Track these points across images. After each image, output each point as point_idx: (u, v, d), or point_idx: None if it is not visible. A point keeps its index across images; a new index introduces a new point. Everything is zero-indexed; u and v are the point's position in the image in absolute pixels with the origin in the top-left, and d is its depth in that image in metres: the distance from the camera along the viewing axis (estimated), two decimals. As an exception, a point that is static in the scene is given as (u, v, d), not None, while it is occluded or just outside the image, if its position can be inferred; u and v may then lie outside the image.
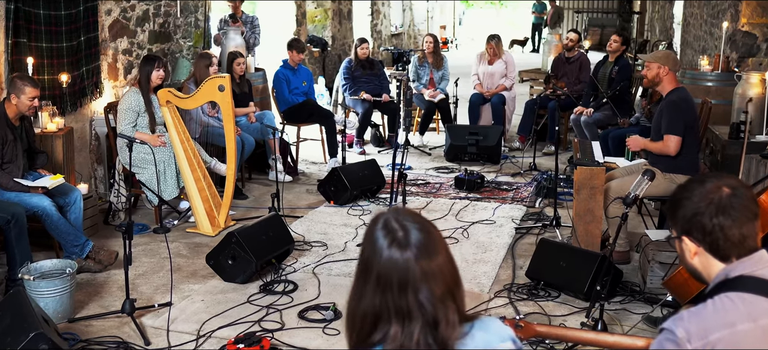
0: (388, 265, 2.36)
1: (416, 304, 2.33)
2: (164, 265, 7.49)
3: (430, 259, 2.37)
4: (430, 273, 2.35)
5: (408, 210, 2.51)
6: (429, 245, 2.39)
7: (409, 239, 2.37)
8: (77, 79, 9.02)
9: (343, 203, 9.63)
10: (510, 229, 8.69)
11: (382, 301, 2.36)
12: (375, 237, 2.42)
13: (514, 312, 6.41)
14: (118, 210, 8.90)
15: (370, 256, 2.41)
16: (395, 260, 2.35)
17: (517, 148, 13.11)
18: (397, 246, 2.36)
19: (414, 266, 2.34)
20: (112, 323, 6.22)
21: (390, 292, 2.35)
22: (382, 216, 2.47)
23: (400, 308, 2.34)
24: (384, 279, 2.36)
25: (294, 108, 11.98)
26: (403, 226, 2.41)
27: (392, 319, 2.35)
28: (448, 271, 2.41)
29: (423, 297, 2.34)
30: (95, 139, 9.58)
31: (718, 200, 2.80)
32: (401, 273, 2.34)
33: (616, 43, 12.01)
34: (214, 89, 8.47)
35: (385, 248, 2.37)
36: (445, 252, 2.43)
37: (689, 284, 5.26)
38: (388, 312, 2.36)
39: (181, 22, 11.58)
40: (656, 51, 7.85)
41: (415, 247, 2.36)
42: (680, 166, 7.33)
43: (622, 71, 11.79)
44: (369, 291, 2.39)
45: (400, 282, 2.34)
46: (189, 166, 8.61)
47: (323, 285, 7.05)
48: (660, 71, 7.44)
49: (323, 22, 19.09)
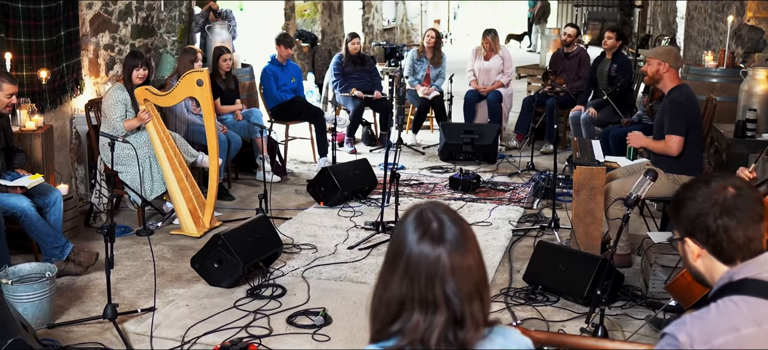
0: (418, 256, 2.41)
1: (443, 297, 2.38)
2: (147, 269, 7.48)
3: (462, 255, 2.41)
4: (460, 269, 2.40)
5: (446, 206, 2.56)
6: (462, 241, 2.43)
7: (444, 232, 2.43)
8: (57, 76, 9.01)
9: (333, 204, 9.63)
10: (507, 231, 8.70)
11: (408, 290, 2.40)
12: (407, 228, 2.47)
13: (511, 317, 6.42)
14: (100, 212, 8.89)
15: (400, 246, 2.46)
16: (426, 252, 2.40)
17: (514, 147, 13.12)
18: (430, 238, 2.42)
19: (445, 259, 2.39)
20: (94, 329, 6.21)
21: (417, 282, 2.39)
22: (417, 208, 2.52)
23: (426, 298, 2.38)
24: (413, 269, 2.40)
25: (282, 105, 11.98)
26: (438, 219, 2.46)
27: (415, 309, 2.39)
28: (477, 270, 2.45)
29: (450, 291, 2.38)
30: (76, 138, 9.56)
31: (723, 201, 2.81)
32: (431, 265, 2.39)
33: (610, 40, 12.02)
34: (193, 84, 8.49)
35: (417, 239, 2.42)
36: (476, 252, 2.47)
37: (693, 288, 5.27)
38: (413, 302, 2.39)
39: (165, 16, 11.57)
40: (658, 47, 7.88)
41: (449, 241, 2.41)
42: (683, 165, 7.34)
43: (622, 68, 11.81)
44: (396, 280, 2.44)
45: (429, 273, 2.39)
46: (170, 165, 8.62)
47: (313, 289, 7.04)
48: (660, 68, 7.44)
49: (313, 16, 19.09)
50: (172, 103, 8.90)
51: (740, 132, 9.23)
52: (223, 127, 10.18)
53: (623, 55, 12.28)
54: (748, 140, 9.17)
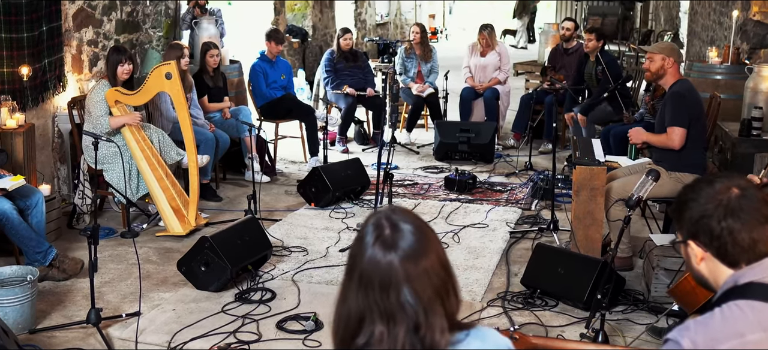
0: (370, 264, 2.40)
1: (399, 306, 2.37)
2: (132, 272, 7.48)
3: (416, 261, 2.40)
4: (414, 276, 2.39)
5: (404, 209, 2.55)
6: (418, 247, 2.42)
7: (396, 239, 2.42)
8: (39, 72, 8.99)
9: (324, 205, 9.63)
10: (504, 234, 8.71)
11: (365, 302, 2.40)
12: (363, 234, 2.47)
13: (509, 322, 6.42)
14: (83, 213, 8.89)
15: (356, 255, 2.46)
16: (377, 260, 2.40)
17: (511, 146, 13.12)
18: (381, 245, 2.41)
19: (397, 267, 2.38)
20: (77, 334, 6.21)
21: (372, 292, 2.39)
22: (375, 214, 2.52)
23: (384, 309, 2.38)
24: (366, 279, 2.40)
25: (272, 103, 11.98)
26: (393, 225, 2.45)
27: (376, 320, 2.39)
28: (436, 275, 2.43)
29: (405, 300, 2.37)
30: (58, 137, 9.55)
31: (727, 202, 2.81)
32: (383, 274, 2.38)
33: (591, 42, 11.98)
34: (162, 78, 8.50)
35: (369, 246, 2.42)
36: (435, 256, 2.45)
37: (696, 292, 5.27)
38: (372, 313, 2.39)
39: (151, 11, 11.57)
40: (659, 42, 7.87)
41: (401, 247, 2.40)
42: (687, 164, 7.34)
43: (610, 67, 11.80)
44: (352, 290, 2.44)
45: (382, 282, 2.38)
46: (149, 166, 8.62)
47: (303, 293, 7.05)
48: (665, 63, 7.44)
49: (303, 11, 19.09)
50: (144, 101, 8.91)
51: (745, 131, 9.24)
52: (210, 126, 10.18)
53: (608, 54, 12.29)
54: (753, 139, 9.18)
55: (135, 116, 8.68)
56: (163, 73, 8.48)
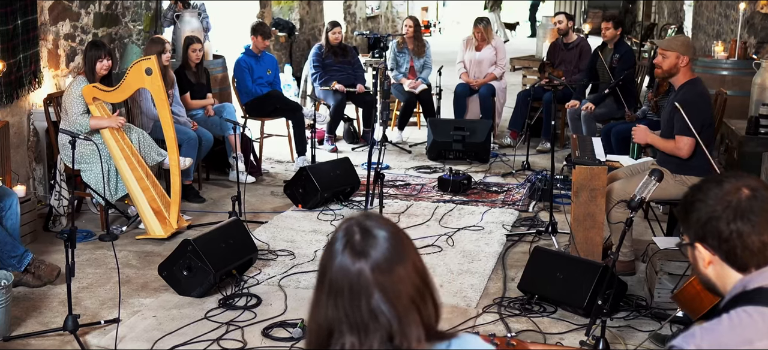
0: (339, 272, 2.42)
1: (371, 315, 2.38)
2: (111, 277, 7.47)
3: (389, 268, 2.41)
4: (387, 283, 2.40)
5: (379, 215, 2.56)
6: (391, 253, 2.43)
7: (367, 245, 2.43)
8: (13, 68, 8.96)
9: (312, 207, 9.62)
10: (500, 236, 8.71)
11: (334, 312, 2.42)
12: (333, 241, 2.49)
13: (505, 329, 6.43)
14: (60, 215, 8.87)
15: (326, 262, 2.49)
16: (346, 267, 2.42)
17: (508, 145, 13.11)
18: (351, 251, 2.43)
19: (367, 274, 2.39)
20: (53, 342, 6.20)
21: (342, 301, 2.41)
22: (347, 221, 2.53)
23: (355, 319, 2.39)
24: (336, 288, 2.42)
25: (257, 100, 11.96)
26: (364, 231, 2.46)
27: (345, 332, 2.40)
28: (411, 283, 2.44)
29: (377, 308, 2.38)
30: (34, 135, 9.53)
31: (737, 203, 2.80)
32: (353, 281, 2.40)
33: (609, 30, 11.95)
34: (142, 74, 8.49)
35: (339, 253, 2.44)
36: (411, 263, 2.46)
37: (702, 297, 5.28)
38: (341, 324, 2.41)
39: (130, 4, 11.55)
40: (674, 37, 7.84)
41: (371, 254, 2.42)
42: (693, 166, 7.31)
43: (625, 58, 11.79)
44: (323, 299, 2.45)
45: (352, 290, 2.40)
46: (128, 165, 8.61)
47: (290, 299, 7.05)
48: (679, 61, 7.36)
49: (290, 4, 19.08)
50: (123, 98, 8.91)
51: (753, 129, 9.24)
52: (193, 124, 10.17)
53: (625, 45, 12.27)
54: (761, 137, 9.17)
55: (118, 120, 8.66)
56: (143, 68, 8.47)
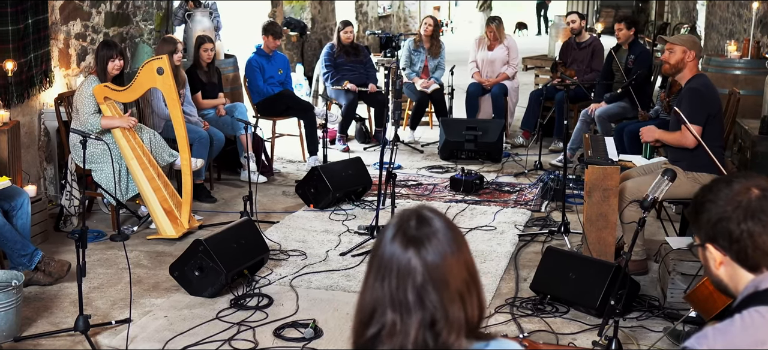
0: (389, 256, 2.47)
1: (416, 298, 2.42)
2: (123, 277, 7.47)
3: (441, 257, 2.45)
4: (436, 272, 2.44)
5: (433, 208, 2.60)
6: (444, 244, 2.47)
7: (420, 233, 2.48)
8: (24, 67, 8.98)
9: (324, 207, 9.62)
10: (513, 236, 8.70)
11: (380, 291, 2.46)
12: (387, 227, 2.55)
13: (518, 329, 6.41)
14: (71, 215, 8.88)
15: (377, 246, 2.53)
16: (397, 253, 2.46)
17: (520, 145, 13.11)
18: (403, 237, 2.48)
19: (416, 261, 2.43)
20: (64, 342, 6.21)
21: (389, 282, 2.45)
22: (404, 210, 2.59)
23: (398, 299, 2.43)
24: (384, 269, 2.46)
25: (269, 99, 11.97)
26: (419, 219, 2.51)
27: (388, 309, 2.44)
28: (460, 275, 2.48)
29: (423, 292, 2.42)
30: (44, 135, 9.55)
31: (747, 203, 2.80)
32: (402, 265, 2.44)
33: (622, 31, 11.89)
34: (153, 74, 8.49)
35: (390, 239, 2.49)
36: (462, 257, 2.51)
37: (715, 297, 5.27)
38: (384, 302, 2.45)
39: (142, 3, 11.56)
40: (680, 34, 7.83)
41: (423, 243, 2.46)
42: (704, 163, 7.31)
43: (641, 59, 11.74)
44: (370, 282, 2.51)
45: (400, 273, 2.44)
46: (139, 165, 8.62)
47: (301, 299, 7.04)
48: (685, 56, 7.39)
49: (302, 3, 19.08)
50: (134, 98, 8.92)
51: (766, 128, 9.20)
52: (204, 123, 10.17)
53: (640, 45, 12.22)
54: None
55: (129, 120, 8.67)
56: (155, 68, 8.47)
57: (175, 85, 8.68)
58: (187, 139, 8.73)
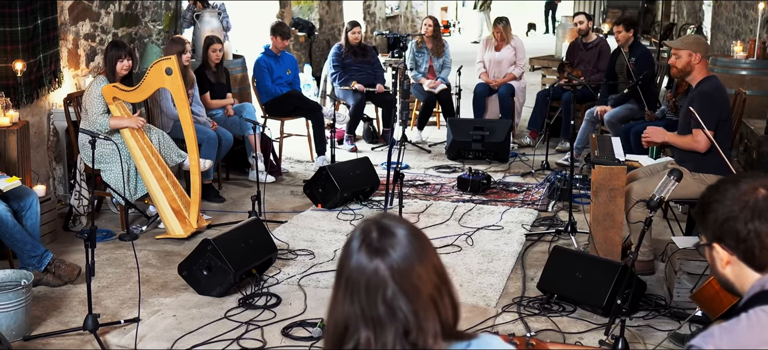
0: (356, 270, 2.45)
1: (387, 310, 2.41)
2: (131, 276, 7.48)
3: (407, 265, 2.44)
4: (405, 280, 2.42)
5: (396, 215, 2.60)
6: (408, 251, 2.46)
7: (385, 244, 2.46)
8: (33, 67, 8.99)
9: (332, 206, 9.62)
10: (520, 236, 8.70)
11: (350, 308, 2.44)
12: (351, 239, 2.52)
13: (525, 328, 6.41)
14: (80, 215, 8.89)
15: (343, 261, 2.51)
16: (363, 264, 2.44)
17: (527, 145, 13.09)
18: (367, 249, 2.45)
19: (384, 271, 2.42)
20: (73, 341, 6.21)
21: (358, 297, 2.43)
22: (365, 220, 2.56)
23: (370, 314, 2.42)
24: (352, 284, 2.44)
25: (277, 100, 11.97)
26: (382, 229, 2.49)
27: (361, 327, 2.42)
28: (429, 280, 2.46)
29: (394, 304, 2.41)
30: (54, 135, 9.56)
31: (754, 203, 2.79)
32: (369, 278, 2.42)
33: (621, 34, 11.86)
34: (162, 74, 8.50)
35: (355, 251, 2.47)
36: (428, 261, 2.49)
37: (721, 297, 5.27)
38: (357, 319, 2.43)
39: (150, 4, 11.57)
40: (684, 36, 7.82)
41: (388, 252, 2.44)
42: (711, 164, 7.29)
43: (643, 60, 11.72)
44: (339, 297, 2.48)
45: (368, 287, 2.42)
46: (148, 165, 8.63)
47: (309, 298, 7.04)
48: (692, 59, 7.38)
49: (310, 4, 19.08)
50: (143, 98, 8.92)
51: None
52: (213, 124, 10.18)
53: (641, 46, 12.20)
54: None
55: (138, 120, 8.67)
56: (163, 68, 8.47)
57: (184, 86, 8.69)
58: (195, 140, 8.74)
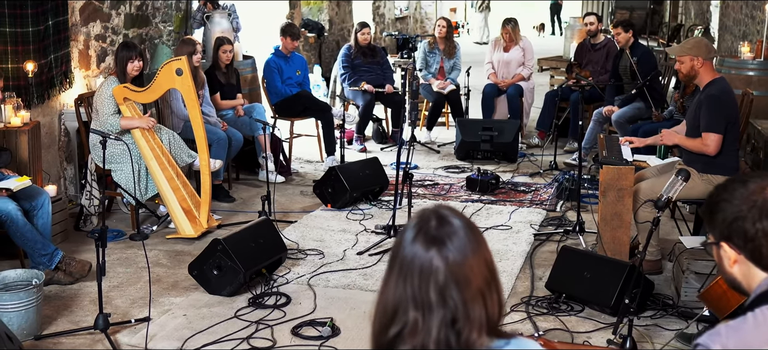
0: (411, 256, 2.47)
1: (438, 296, 2.43)
2: (142, 276, 7.48)
3: (461, 256, 2.46)
4: (458, 270, 2.44)
5: (453, 208, 2.60)
6: (464, 243, 2.48)
7: (441, 233, 2.48)
8: (45, 68, 9.00)
9: (341, 206, 9.62)
10: (528, 236, 8.69)
11: (402, 291, 2.46)
12: (408, 226, 2.55)
13: (533, 328, 6.41)
14: (91, 215, 8.89)
15: (398, 246, 2.53)
16: (419, 252, 2.46)
17: (536, 145, 13.08)
18: (424, 238, 2.48)
19: (438, 261, 2.44)
20: (84, 340, 6.22)
21: (411, 281, 2.45)
22: (423, 209, 2.59)
23: (421, 298, 2.43)
24: (406, 269, 2.47)
25: (287, 100, 11.97)
26: (438, 219, 2.51)
27: (410, 308, 2.44)
28: (481, 274, 2.48)
29: (445, 292, 2.43)
30: (65, 135, 9.57)
31: (762, 203, 2.79)
32: (423, 266, 2.45)
33: (620, 35, 11.85)
34: (172, 74, 8.50)
35: (411, 239, 2.49)
36: (482, 256, 2.51)
37: (728, 296, 5.26)
38: (407, 301, 2.45)
39: (161, 5, 11.58)
40: (684, 42, 7.78)
41: (444, 242, 2.46)
42: (719, 165, 7.28)
43: (644, 60, 11.69)
44: (392, 281, 2.50)
45: (422, 274, 2.44)
46: (159, 165, 8.64)
47: (319, 298, 7.04)
48: (694, 63, 7.37)
49: (319, 5, 19.09)
50: (153, 99, 8.93)
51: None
52: (223, 124, 10.18)
53: (642, 46, 12.16)
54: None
55: (149, 120, 8.68)
56: (174, 69, 8.48)
57: (194, 86, 8.69)
58: (205, 140, 8.74)
